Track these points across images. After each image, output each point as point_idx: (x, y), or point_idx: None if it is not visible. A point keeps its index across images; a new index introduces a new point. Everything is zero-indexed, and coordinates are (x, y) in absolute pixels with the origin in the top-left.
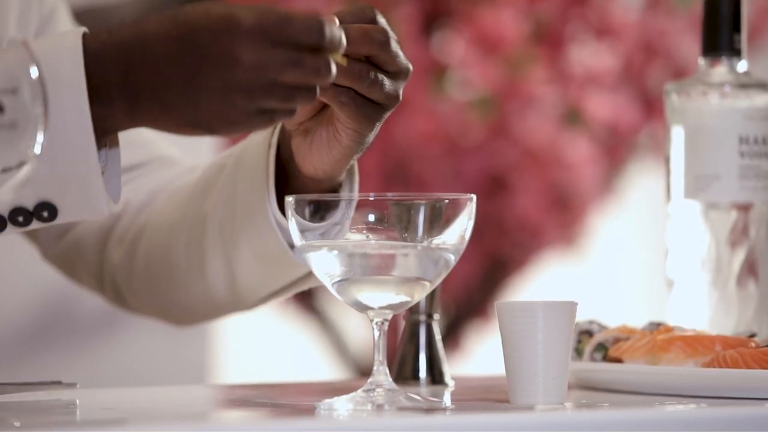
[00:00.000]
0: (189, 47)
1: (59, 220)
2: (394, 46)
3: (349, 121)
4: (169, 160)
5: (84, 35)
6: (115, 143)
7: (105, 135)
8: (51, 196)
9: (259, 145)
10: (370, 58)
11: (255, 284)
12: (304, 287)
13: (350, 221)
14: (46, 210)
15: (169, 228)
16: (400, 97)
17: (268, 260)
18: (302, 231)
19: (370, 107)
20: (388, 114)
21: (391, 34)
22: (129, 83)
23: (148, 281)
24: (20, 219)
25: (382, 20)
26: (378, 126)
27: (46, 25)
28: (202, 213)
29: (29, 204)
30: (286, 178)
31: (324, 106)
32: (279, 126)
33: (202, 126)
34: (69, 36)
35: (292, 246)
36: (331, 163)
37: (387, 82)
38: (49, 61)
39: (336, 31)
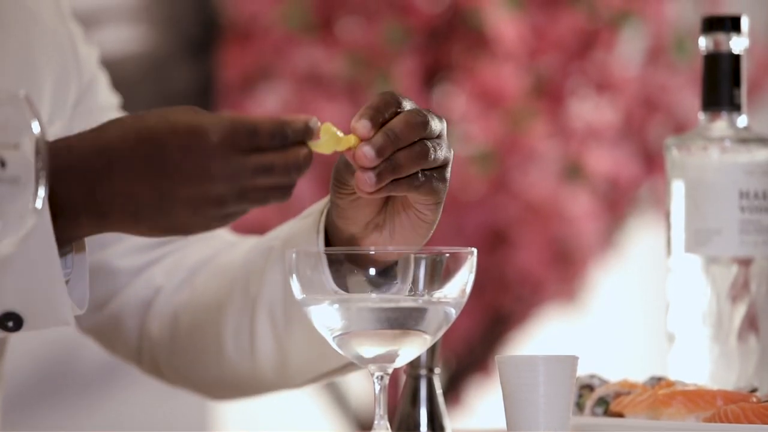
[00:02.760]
0: (158, 165)
1: (25, 329)
2: (429, 117)
3: (429, 198)
4: (211, 232)
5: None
6: (81, 248)
7: (70, 242)
8: (16, 306)
9: (307, 230)
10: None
11: (306, 366)
12: (355, 370)
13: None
14: (11, 320)
15: (216, 308)
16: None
17: (321, 343)
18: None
19: (437, 175)
20: (449, 171)
21: (419, 109)
22: (95, 201)
23: (192, 359)
24: None
25: (405, 101)
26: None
27: (85, 95)
28: (250, 296)
29: None
30: None
31: (387, 198)
32: (326, 210)
33: (176, 231)
34: (49, 65)
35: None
36: (418, 243)
37: (437, 146)
38: None
39: (303, 125)
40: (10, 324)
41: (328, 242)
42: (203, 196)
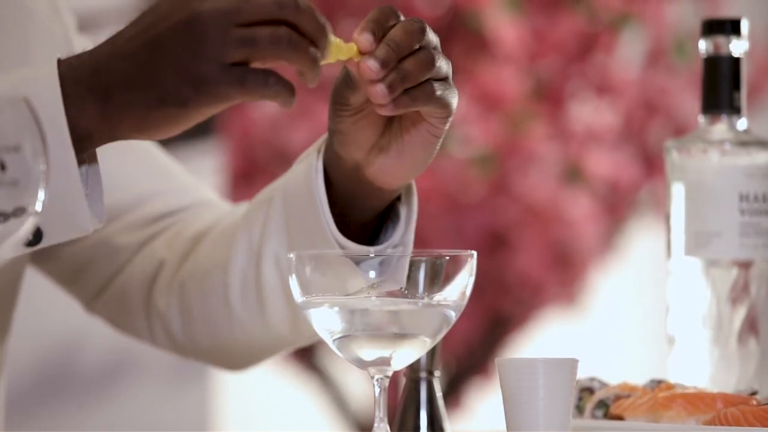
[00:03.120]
0: (148, 19)
1: (45, 242)
2: (426, 25)
3: (444, 110)
4: (209, 203)
5: (59, 58)
6: (93, 160)
7: (80, 148)
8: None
9: (304, 172)
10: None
11: None
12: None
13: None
14: (31, 233)
15: (221, 269)
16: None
17: (330, 277)
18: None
19: (446, 85)
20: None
21: (415, 18)
22: (99, 80)
23: (202, 327)
24: None
25: (399, 14)
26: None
27: None
28: (254, 249)
29: None
30: (333, 201)
31: (389, 120)
32: (323, 148)
33: (172, 99)
34: (46, 62)
35: (356, 262)
36: (425, 163)
37: (438, 54)
38: (24, 85)
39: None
40: (30, 237)
41: (328, 180)
42: (187, 35)
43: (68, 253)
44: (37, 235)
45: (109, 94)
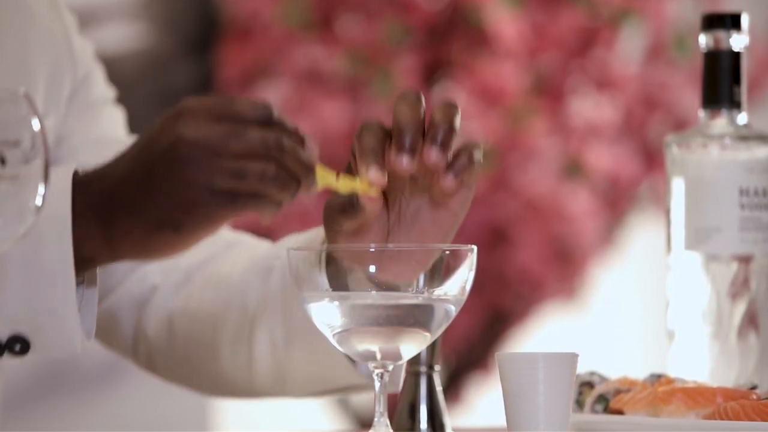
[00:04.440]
0: (144, 140)
1: (31, 354)
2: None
3: (460, 206)
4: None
5: (75, 171)
6: (92, 282)
7: (80, 268)
8: (25, 330)
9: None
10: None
11: (306, 384)
12: (357, 392)
13: None
14: (18, 343)
15: (213, 321)
16: None
17: (323, 365)
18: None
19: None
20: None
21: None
22: (104, 202)
23: (187, 365)
24: None
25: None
26: None
27: (80, 89)
28: (248, 315)
29: (2, 336)
30: None
31: (393, 217)
32: (323, 261)
33: (167, 224)
34: (62, 170)
35: (351, 359)
36: (421, 263)
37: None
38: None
39: (284, 118)
40: (17, 347)
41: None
42: (176, 162)
43: None
44: (25, 347)
45: (112, 217)
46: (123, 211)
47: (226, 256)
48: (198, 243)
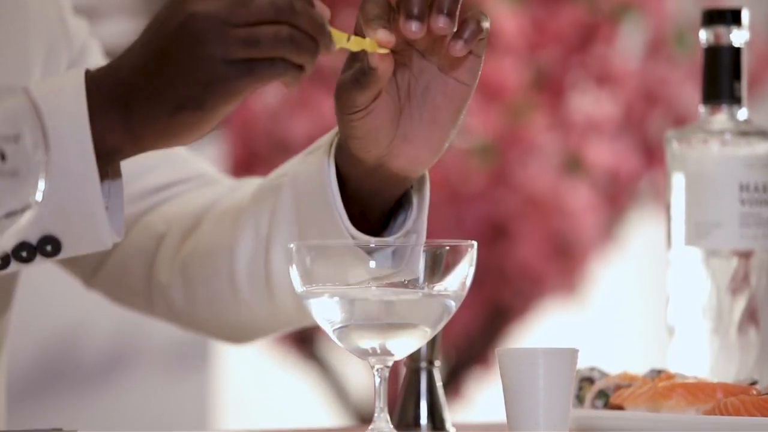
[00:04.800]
0: (153, 27)
1: (63, 254)
2: None
3: (470, 74)
4: (209, 177)
5: (87, 70)
6: (117, 175)
7: (106, 162)
8: (55, 230)
9: (315, 170)
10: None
11: None
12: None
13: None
14: (49, 244)
15: (227, 252)
16: None
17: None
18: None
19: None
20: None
21: None
22: (120, 93)
23: (209, 305)
24: (24, 254)
25: None
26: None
27: (76, 64)
28: (262, 236)
29: (33, 239)
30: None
31: (402, 108)
32: (332, 153)
33: (188, 103)
34: (72, 72)
35: (368, 253)
36: (452, 133)
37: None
38: (51, 96)
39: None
40: (49, 248)
41: (342, 178)
42: (188, 38)
43: None
44: (56, 247)
45: (131, 106)
46: (141, 98)
47: (234, 193)
48: (222, 118)
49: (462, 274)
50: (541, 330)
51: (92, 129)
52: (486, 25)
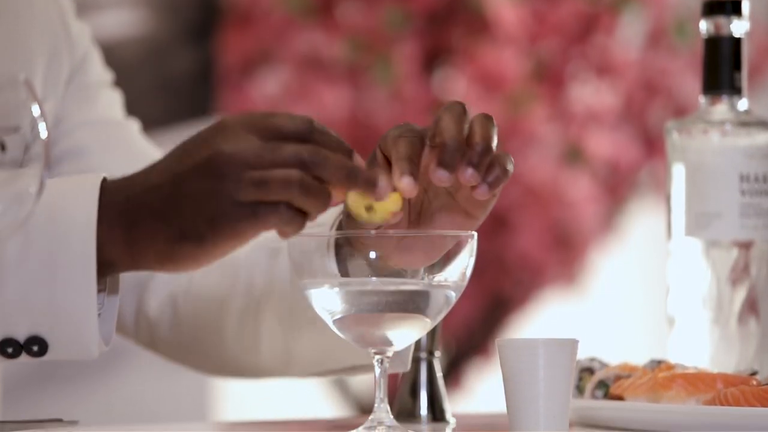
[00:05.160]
0: (178, 152)
1: (48, 356)
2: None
3: (482, 210)
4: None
5: (104, 178)
6: (114, 290)
7: (103, 273)
8: (44, 331)
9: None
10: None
11: (312, 364)
12: (361, 373)
13: None
14: (36, 344)
15: (218, 303)
16: None
17: (332, 347)
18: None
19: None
20: None
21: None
22: (129, 208)
23: (192, 344)
24: (9, 350)
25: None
26: None
27: (78, 72)
28: (255, 297)
29: (21, 336)
30: None
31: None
32: (337, 223)
33: (190, 234)
34: (89, 178)
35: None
36: (434, 256)
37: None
38: (64, 199)
39: (327, 131)
40: (35, 348)
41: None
42: (207, 174)
43: None
44: (42, 348)
45: (136, 223)
46: (148, 219)
47: None
48: (222, 257)
49: (462, 265)
50: (541, 320)
51: (96, 238)
52: (510, 168)
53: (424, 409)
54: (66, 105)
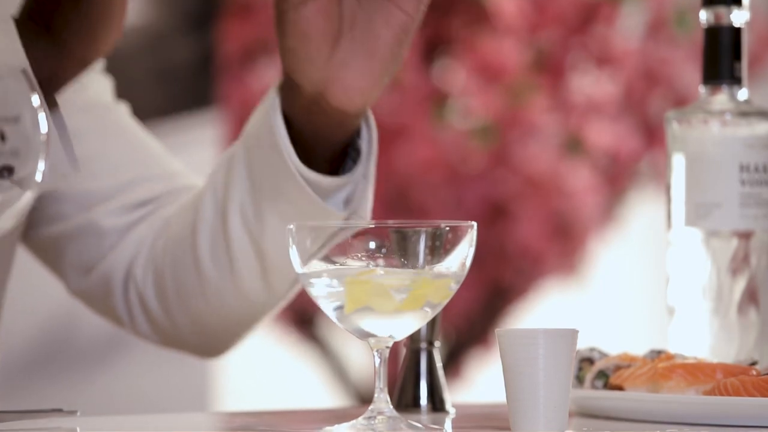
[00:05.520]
0: None
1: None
2: None
3: (412, 3)
4: (192, 187)
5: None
6: (53, 104)
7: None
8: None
9: (262, 114)
10: None
11: (285, 261)
12: (336, 241)
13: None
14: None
15: (190, 232)
16: None
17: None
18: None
19: None
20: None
21: None
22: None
23: (178, 298)
24: None
25: None
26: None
27: None
28: (219, 204)
29: None
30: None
31: (342, 30)
32: (278, 100)
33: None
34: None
35: (321, 197)
36: (392, 68)
37: None
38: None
39: None
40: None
41: (289, 123)
42: None
43: (54, 233)
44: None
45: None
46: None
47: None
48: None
49: (462, 255)
50: (541, 310)
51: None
52: None
53: (424, 399)
54: None
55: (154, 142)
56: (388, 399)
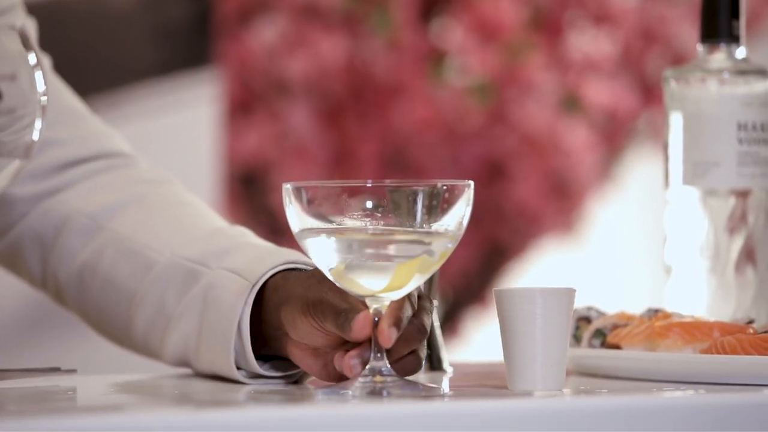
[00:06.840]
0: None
1: None
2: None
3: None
4: (122, 159)
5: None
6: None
7: None
8: None
9: (232, 306)
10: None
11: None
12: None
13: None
14: None
15: (128, 297)
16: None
17: (223, 369)
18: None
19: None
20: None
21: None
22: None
23: (99, 317)
24: None
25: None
26: None
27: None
28: (166, 314)
29: None
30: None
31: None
32: (253, 296)
33: None
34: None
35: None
36: None
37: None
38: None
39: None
40: None
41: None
42: None
43: None
44: None
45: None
46: None
47: (138, 210)
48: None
49: (459, 214)
50: (539, 269)
51: None
52: (422, 356)
53: None
54: None
55: (73, 99)
56: (386, 359)
